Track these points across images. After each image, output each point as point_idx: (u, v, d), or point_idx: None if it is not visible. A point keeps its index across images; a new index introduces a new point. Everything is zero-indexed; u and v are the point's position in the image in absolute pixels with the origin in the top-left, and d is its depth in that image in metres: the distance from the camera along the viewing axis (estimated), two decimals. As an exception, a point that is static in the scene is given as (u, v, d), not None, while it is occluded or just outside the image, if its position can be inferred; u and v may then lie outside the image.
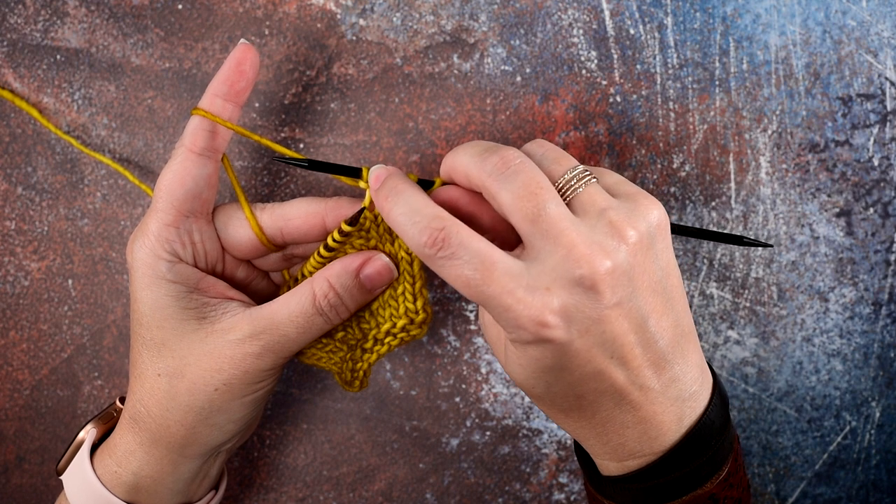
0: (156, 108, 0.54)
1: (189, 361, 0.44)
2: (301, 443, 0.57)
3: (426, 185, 0.44)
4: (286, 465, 0.57)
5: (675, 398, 0.41)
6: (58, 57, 0.54)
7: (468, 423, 0.57)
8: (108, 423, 0.49)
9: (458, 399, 0.56)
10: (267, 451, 0.57)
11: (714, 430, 0.42)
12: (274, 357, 0.44)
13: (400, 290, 0.47)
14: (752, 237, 0.49)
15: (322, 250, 0.45)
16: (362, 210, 0.44)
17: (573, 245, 0.38)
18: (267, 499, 0.57)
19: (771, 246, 0.49)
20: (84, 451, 0.47)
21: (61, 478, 0.48)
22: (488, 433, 0.57)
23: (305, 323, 0.44)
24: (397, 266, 0.46)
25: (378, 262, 0.45)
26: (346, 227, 0.44)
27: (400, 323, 0.47)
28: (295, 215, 0.46)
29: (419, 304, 0.47)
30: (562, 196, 0.40)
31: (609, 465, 0.43)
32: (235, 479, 0.57)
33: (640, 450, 0.42)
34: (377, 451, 0.57)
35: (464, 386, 0.56)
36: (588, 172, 0.41)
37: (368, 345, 0.49)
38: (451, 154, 0.42)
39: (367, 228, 0.45)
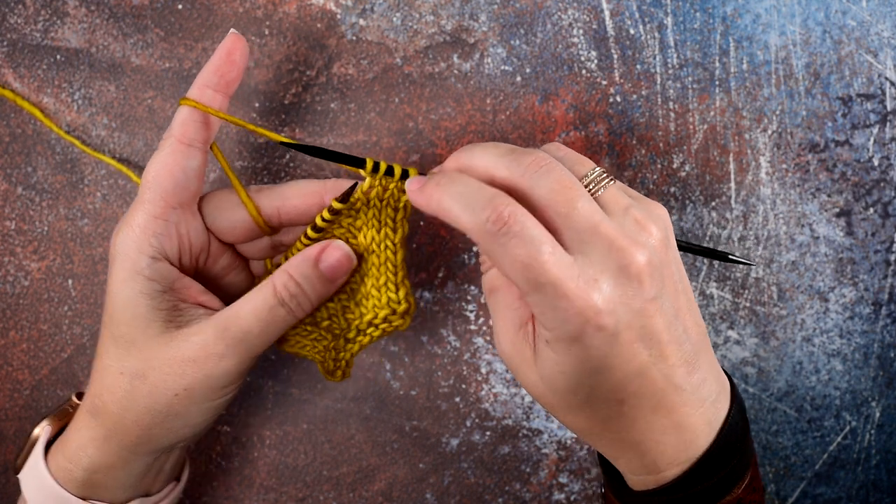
0: (156, 108, 0.54)
1: (153, 364, 0.43)
2: (301, 443, 0.57)
3: (406, 174, 0.44)
4: (286, 465, 0.57)
5: (704, 399, 0.41)
6: (58, 57, 0.54)
7: (468, 423, 0.57)
8: (63, 419, 0.48)
9: (458, 399, 0.56)
10: (267, 451, 0.57)
11: (739, 431, 0.42)
12: (238, 357, 0.44)
13: (382, 280, 0.46)
14: (736, 255, 0.49)
15: (310, 231, 0.45)
16: (355, 185, 0.44)
17: (612, 237, 0.38)
18: (267, 499, 0.57)
19: (753, 264, 0.49)
20: (38, 448, 0.46)
21: (18, 476, 0.47)
22: (488, 433, 0.57)
23: (268, 315, 0.44)
24: (379, 256, 0.46)
25: (336, 251, 0.45)
26: (336, 205, 0.44)
27: (382, 313, 0.47)
28: (293, 195, 0.46)
29: (401, 293, 0.46)
30: None
31: (646, 479, 0.42)
32: (235, 479, 0.57)
33: (676, 458, 0.41)
34: (377, 451, 0.57)
35: (464, 386, 0.56)
36: (606, 174, 0.41)
37: (351, 335, 0.48)
38: (468, 152, 0.42)
39: (357, 209, 0.45)
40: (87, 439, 0.45)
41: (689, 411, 0.41)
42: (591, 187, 0.41)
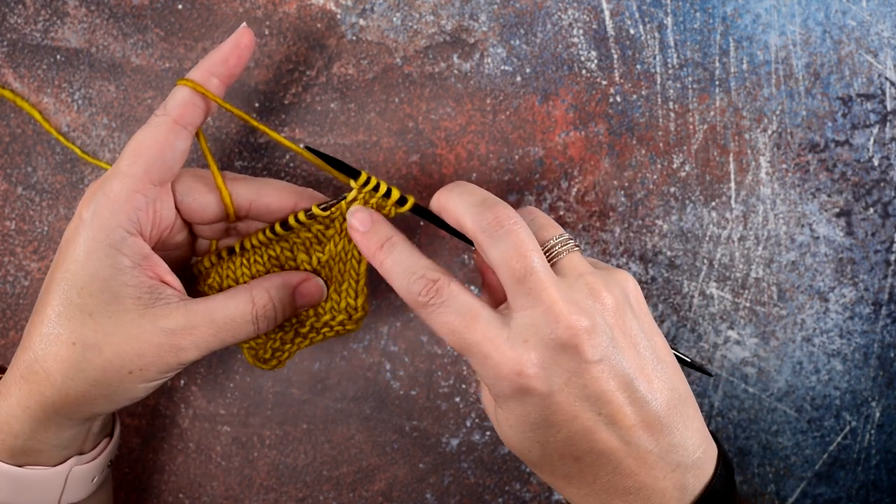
0: (156, 108, 0.54)
1: (112, 340, 0.43)
2: (301, 443, 0.57)
3: (404, 201, 0.45)
4: (286, 465, 0.57)
5: (677, 465, 0.41)
6: (58, 57, 0.54)
7: (468, 423, 0.57)
8: None
9: (458, 399, 0.57)
10: (267, 451, 0.57)
11: (720, 501, 0.42)
12: (197, 353, 0.44)
13: (344, 286, 0.48)
14: (689, 358, 0.49)
15: (278, 227, 0.46)
16: (342, 198, 0.45)
17: (553, 302, 0.40)
18: (267, 499, 0.57)
19: (711, 374, 0.49)
20: None
21: None
22: (488, 433, 0.57)
23: (238, 328, 0.45)
24: (345, 263, 0.48)
25: (314, 283, 0.48)
26: (316, 210, 0.45)
27: (339, 317, 0.49)
28: (268, 193, 0.46)
29: (360, 301, 0.48)
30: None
31: None
32: (235, 479, 0.57)
33: None
34: (377, 451, 0.57)
35: (464, 386, 0.56)
36: (572, 240, 0.43)
37: (304, 330, 0.50)
38: (446, 193, 0.44)
39: (333, 218, 0.45)
40: (19, 407, 0.44)
41: (658, 475, 0.41)
42: (550, 254, 0.42)
